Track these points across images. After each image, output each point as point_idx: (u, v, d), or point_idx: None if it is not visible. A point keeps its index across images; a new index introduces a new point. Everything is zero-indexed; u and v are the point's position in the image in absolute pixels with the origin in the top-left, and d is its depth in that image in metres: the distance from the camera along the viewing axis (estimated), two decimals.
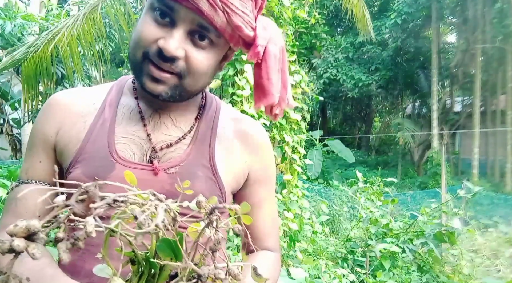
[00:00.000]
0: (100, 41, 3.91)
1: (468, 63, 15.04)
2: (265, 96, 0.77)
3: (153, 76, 0.69)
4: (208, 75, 0.74)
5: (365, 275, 3.17)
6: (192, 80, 0.71)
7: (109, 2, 3.75)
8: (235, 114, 0.89)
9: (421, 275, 3.32)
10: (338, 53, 14.14)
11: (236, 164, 0.81)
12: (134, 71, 0.72)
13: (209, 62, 0.72)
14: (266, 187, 0.86)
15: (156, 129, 0.77)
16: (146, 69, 0.69)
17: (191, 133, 0.79)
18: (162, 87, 0.70)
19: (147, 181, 0.71)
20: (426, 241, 3.32)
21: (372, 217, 3.62)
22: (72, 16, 3.75)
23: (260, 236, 0.87)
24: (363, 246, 3.52)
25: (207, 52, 0.71)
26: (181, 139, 0.78)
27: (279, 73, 0.77)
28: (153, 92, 0.70)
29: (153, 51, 0.68)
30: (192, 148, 0.77)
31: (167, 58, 0.67)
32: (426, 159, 14.49)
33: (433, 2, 13.68)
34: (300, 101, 3.67)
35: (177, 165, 0.74)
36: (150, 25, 0.68)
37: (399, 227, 3.69)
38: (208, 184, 0.76)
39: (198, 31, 0.68)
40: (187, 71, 0.70)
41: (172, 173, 0.74)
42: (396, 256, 3.35)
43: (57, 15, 5.79)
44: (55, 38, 3.47)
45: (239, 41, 0.73)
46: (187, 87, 0.72)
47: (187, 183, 0.70)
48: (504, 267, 4.28)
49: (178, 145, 0.77)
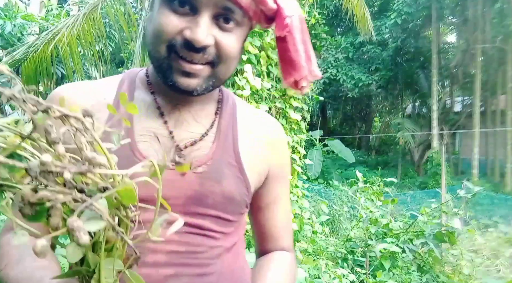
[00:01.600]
0: (100, 41, 3.92)
1: (468, 63, 15.05)
2: (295, 69, 0.73)
3: (184, 70, 0.64)
4: (237, 59, 0.71)
5: (365, 275, 3.17)
6: (224, 67, 0.68)
7: (109, 2, 3.76)
8: (252, 109, 0.86)
9: (421, 275, 3.32)
10: (338, 53, 14.15)
11: (259, 161, 0.78)
12: (160, 69, 0.67)
13: (238, 44, 0.69)
14: (282, 184, 0.84)
15: (178, 126, 0.72)
16: (175, 65, 0.65)
17: (213, 129, 0.75)
18: (196, 81, 0.66)
19: (175, 182, 0.67)
20: (426, 241, 3.32)
21: (372, 217, 3.62)
22: (72, 16, 3.75)
23: (275, 235, 0.85)
24: (363, 246, 3.52)
25: (235, 34, 0.67)
26: (205, 136, 0.73)
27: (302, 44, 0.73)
28: (187, 88, 0.66)
29: (180, 43, 0.63)
30: (217, 145, 0.73)
31: (198, 49, 0.63)
32: (426, 159, 14.49)
33: (433, 2, 13.68)
34: (300, 101, 3.67)
35: (204, 164, 0.70)
36: (170, 17, 0.63)
37: (399, 227, 3.69)
38: (236, 183, 0.73)
39: (223, 14, 0.65)
40: (219, 57, 0.66)
41: (200, 172, 0.69)
42: (396, 256, 3.35)
43: (57, 15, 5.79)
44: (55, 38, 3.47)
45: (261, 17, 0.70)
46: (220, 75, 0.69)
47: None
48: (504, 267, 4.28)
49: (202, 143, 0.72)
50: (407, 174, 15.34)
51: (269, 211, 0.83)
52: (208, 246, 0.69)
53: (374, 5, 16.01)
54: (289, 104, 3.49)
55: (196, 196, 0.68)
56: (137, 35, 4.29)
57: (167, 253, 0.65)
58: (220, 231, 0.71)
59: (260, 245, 0.86)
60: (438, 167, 12.19)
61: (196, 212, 0.68)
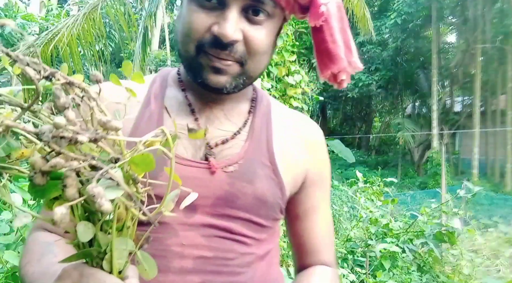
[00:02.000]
0: (100, 41, 3.92)
1: (468, 63, 15.04)
2: (333, 61, 0.68)
3: (214, 66, 0.62)
4: (268, 54, 0.67)
5: (365, 275, 3.17)
6: (254, 63, 0.64)
7: (109, 2, 3.76)
8: (287, 110, 0.81)
9: (421, 275, 3.32)
10: None
11: (295, 164, 0.73)
12: (190, 67, 0.65)
13: (268, 38, 0.65)
14: (321, 191, 0.78)
15: (209, 124, 0.69)
16: (204, 62, 0.62)
17: (246, 127, 0.71)
18: (225, 78, 0.63)
19: (203, 181, 0.64)
20: (426, 241, 3.31)
21: (372, 217, 3.62)
22: (72, 16, 3.75)
23: (315, 247, 0.77)
24: (363, 246, 3.52)
25: (265, 27, 0.63)
26: (237, 134, 0.70)
27: (340, 33, 0.68)
28: (216, 85, 0.63)
29: (208, 40, 0.61)
30: (250, 144, 0.69)
31: (225, 45, 0.60)
32: (426, 159, 14.49)
33: (433, 2, 13.68)
34: (300, 101, 3.67)
35: (235, 163, 0.66)
36: (198, 13, 0.61)
37: (399, 227, 3.68)
38: (269, 184, 0.68)
39: (252, 6, 0.61)
40: (248, 54, 0.63)
41: (230, 172, 0.66)
42: (396, 256, 3.35)
43: (57, 15, 5.79)
44: (55, 38, 3.47)
45: (294, 6, 0.66)
46: (250, 72, 0.65)
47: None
48: (504, 267, 4.28)
49: (234, 141, 0.69)
50: (407, 174, 15.34)
51: (307, 220, 0.77)
52: (239, 253, 0.65)
53: (374, 5, 16.01)
54: (289, 104, 3.49)
55: (226, 197, 0.64)
56: (137, 35, 4.29)
57: (195, 258, 0.61)
58: (252, 236, 0.67)
59: (299, 259, 0.79)
60: (438, 167, 12.18)
61: (225, 214, 0.64)
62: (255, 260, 0.67)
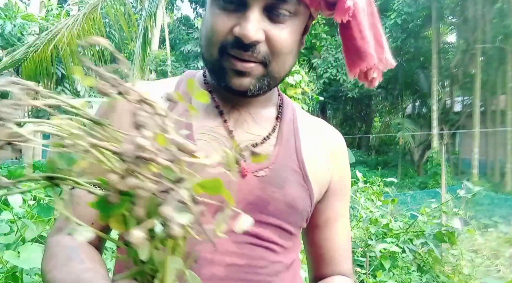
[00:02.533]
0: None
1: (468, 63, 15.05)
2: (362, 58, 0.65)
3: (236, 69, 0.60)
4: (293, 53, 0.64)
5: (365, 275, 3.17)
6: (278, 64, 0.62)
7: (109, 2, 3.76)
8: (311, 117, 0.80)
9: (421, 275, 3.32)
10: (338, 53, 14.13)
11: (321, 172, 0.71)
12: (213, 71, 0.64)
13: (292, 37, 0.62)
14: (342, 200, 0.76)
15: (238, 126, 0.67)
16: (227, 65, 0.61)
17: (274, 133, 0.70)
18: (249, 80, 0.61)
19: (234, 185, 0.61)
20: (426, 241, 3.31)
21: (372, 217, 3.62)
22: (72, 16, 3.76)
23: (334, 257, 0.75)
24: (363, 246, 3.52)
25: (289, 26, 0.61)
26: (266, 139, 0.68)
27: (371, 29, 0.65)
28: (239, 88, 0.61)
29: (230, 42, 0.59)
30: (279, 150, 0.68)
31: (247, 46, 0.58)
32: (426, 159, 14.49)
33: (433, 2, 13.69)
34: (300, 101, 3.67)
35: (266, 168, 0.65)
36: (219, 15, 0.60)
37: (399, 227, 3.69)
38: (299, 191, 0.67)
39: (274, 5, 0.59)
40: (271, 54, 0.61)
41: (261, 176, 0.64)
42: (396, 256, 3.35)
43: (57, 15, 5.79)
44: (55, 38, 3.47)
45: (319, 3, 0.63)
46: (275, 73, 0.63)
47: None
48: (504, 267, 4.28)
49: (264, 146, 0.67)
50: (407, 174, 15.35)
51: (328, 229, 0.75)
52: (269, 261, 0.63)
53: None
54: None
55: (257, 202, 0.63)
56: (137, 35, 4.29)
57: (226, 266, 0.59)
58: (280, 244, 0.66)
59: (316, 269, 0.77)
60: (438, 167, 12.18)
61: (256, 220, 0.61)
62: (283, 269, 0.66)
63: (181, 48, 17.18)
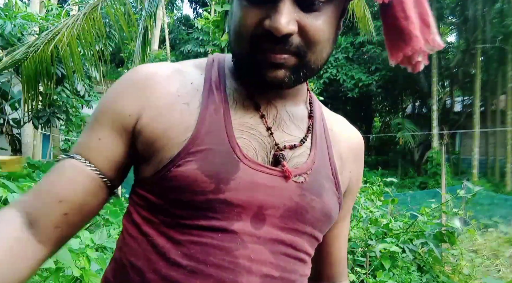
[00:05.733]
0: (100, 41, 3.92)
1: (468, 63, 15.04)
2: (406, 41, 0.58)
3: (269, 61, 0.55)
4: (331, 41, 0.59)
5: (365, 275, 3.17)
6: (314, 54, 0.57)
7: (109, 2, 3.76)
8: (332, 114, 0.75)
9: (421, 275, 3.32)
10: (338, 53, 14.15)
11: (345, 176, 0.68)
12: (246, 66, 0.58)
13: (328, 25, 0.57)
14: (353, 199, 0.74)
15: (277, 125, 0.62)
16: (259, 59, 0.56)
17: (310, 134, 0.65)
18: (283, 72, 0.56)
19: (275, 190, 0.57)
20: (426, 241, 3.31)
21: (372, 217, 3.62)
22: (72, 16, 3.75)
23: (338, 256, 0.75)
24: (363, 246, 3.52)
25: (324, 13, 0.55)
26: (304, 141, 0.63)
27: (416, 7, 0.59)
28: (274, 80, 0.56)
29: (261, 36, 0.54)
30: (315, 154, 0.63)
31: (280, 39, 0.53)
32: (426, 159, 14.49)
33: (433, 2, 13.67)
34: None
35: (304, 174, 0.60)
36: (247, 9, 0.55)
37: (399, 227, 3.68)
38: (333, 199, 0.63)
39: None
40: (306, 46, 0.56)
41: (300, 182, 0.59)
42: (396, 256, 3.35)
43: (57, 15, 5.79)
44: (55, 38, 3.47)
45: None
46: (311, 64, 0.58)
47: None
48: (504, 267, 4.29)
49: (302, 149, 0.62)
50: (407, 174, 15.34)
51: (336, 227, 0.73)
52: (299, 274, 0.61)
53: (375, 5, 15.99)
54: None
55: (296, 209, 0.59)
56: (137, 35, 4.29)
57: (262, 276, 0.56)
58: (310, 253, 0.63)
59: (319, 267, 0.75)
60: (438, 167, 12.19)
61: (293, 228, 0.59)
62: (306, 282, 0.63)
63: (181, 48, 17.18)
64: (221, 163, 0.55)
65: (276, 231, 0.57)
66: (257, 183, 0.56)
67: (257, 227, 0.56)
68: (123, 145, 0.60)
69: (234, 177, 0.55)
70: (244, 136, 0.59)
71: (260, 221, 0.56)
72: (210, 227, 0.55)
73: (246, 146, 0.58)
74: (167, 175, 0.55)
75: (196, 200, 0.54)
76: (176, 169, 0.55)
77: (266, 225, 0.57)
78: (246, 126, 0.60)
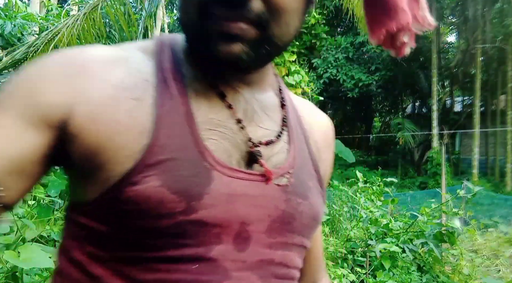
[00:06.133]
0: (100, 41, 3.92)
1: (468, 63, 15.05)
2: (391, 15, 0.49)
3: (222, 31, 0.43)
4: (298, 13, 0.47)
5: (365, 275, 3.17)
6: (279, 26, 0.45)
7: (109, 2, 3.76)
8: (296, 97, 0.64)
9: (421, 275, 3.32)
10: (338, 53, 14.15)
11: (323, 165, 0.59)
12: (194, 38, 0.47)
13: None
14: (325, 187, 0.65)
15: (247, 117, 0.51)
16: (210, 27, 0.44)
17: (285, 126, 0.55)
18: (240, 46, 0.44)
19: (258, 199, 0.47)
20: (426, 241, 3.32)
21: (372, 217, 3.62)
22: (72, 16, 3.76)
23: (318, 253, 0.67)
24: (363, 246, 3.52)
25: None
26: (280, 135, 0.53)
27: None
28: (227, 56, 0.44)
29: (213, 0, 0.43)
30: (294, 149, 0.53)
31: (236, 3, 0.42)
32: (426, 159, 14.49)
33: (433, 2, 13.68)
34: None
35: (286, 173, 0.50)
36: None
37: (399, 227, 3.69)
38: (319, 198, 0.55)
39: None
40: (270, 14, 0.44)
41: (284, 185, 0.49)
42: (396, 256, 3.35)
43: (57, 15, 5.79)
44: (55, 38, 3.47)
45: None
46: (275, 38, 0.46)
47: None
48: (504, 267, 4.29)
49: (280, 144, 0.52)
50: (407, 174, 15.35)
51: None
52: None
53: None
54: None
55: (283, 218, 0.49)
56: (137, 35, 4.29)
57: None
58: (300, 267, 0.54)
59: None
60: (438, 167, 12.19)
61: (283, 242, 0.49)
62: None
63: None
64: (190, 175, 0.43)
65: (263, 249, 0.47)
66: (236, 193, 0.45)
67: (241, 249, 0.46)
68: (38, 142, 0.42)
69: (208, 190, 0.43)
70: (213, 136, 0.47)
71: (244, 241, 0.46)
72: (183, 258, 0.43)
73: (217, 148, 0.46)
74: (120, 196, 0.42)
75: (162, 226, 0.42)
76: (132, 188, 0.42)
77: (251, 244, 0.46)
78: (213, 123, 0.47)
